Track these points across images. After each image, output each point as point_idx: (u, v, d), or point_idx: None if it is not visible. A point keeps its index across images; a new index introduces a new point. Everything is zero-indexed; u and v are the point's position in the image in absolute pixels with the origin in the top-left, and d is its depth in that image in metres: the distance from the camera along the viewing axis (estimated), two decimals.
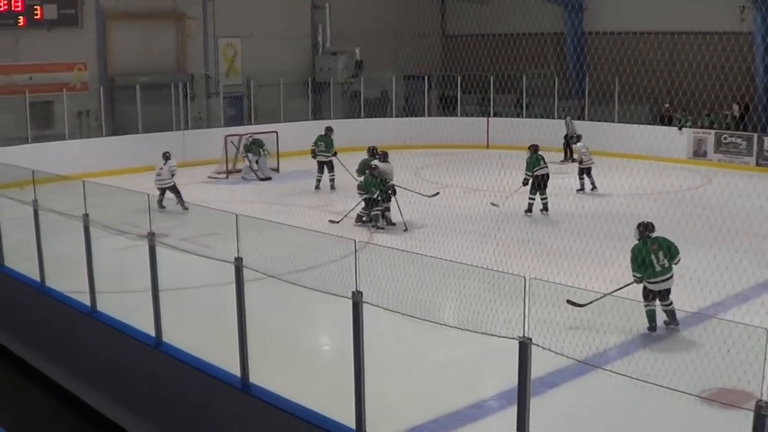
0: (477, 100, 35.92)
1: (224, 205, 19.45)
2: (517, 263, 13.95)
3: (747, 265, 15.37)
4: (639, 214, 20.26)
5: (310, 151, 25.13)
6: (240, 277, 8.38)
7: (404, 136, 29.18)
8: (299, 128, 30.90)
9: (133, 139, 28.72)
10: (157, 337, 9.64)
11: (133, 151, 27.87)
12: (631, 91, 31.37)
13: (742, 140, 30.11)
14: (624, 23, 33.38)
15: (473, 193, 22.66)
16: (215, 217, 11.75)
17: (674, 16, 31.72)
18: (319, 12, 37.78)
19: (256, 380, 8.45)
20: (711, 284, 13.89)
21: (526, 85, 34.50)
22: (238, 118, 34.19)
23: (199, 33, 34.12)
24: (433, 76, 37.84)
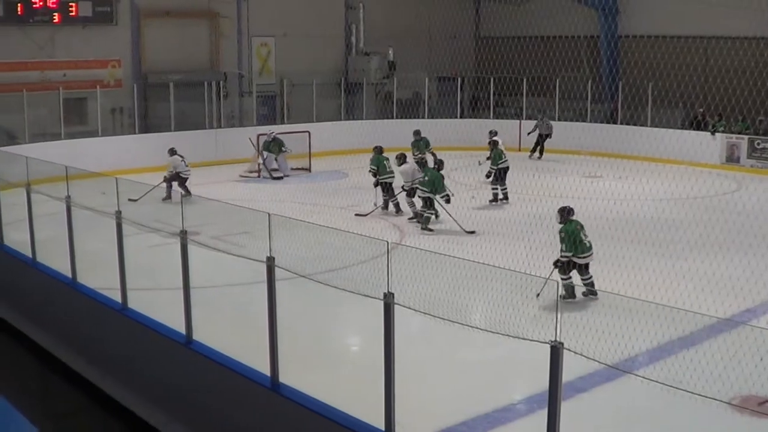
0: (510, 103, 35.83)
1: (255, 203, 19.51)
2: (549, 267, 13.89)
3: None
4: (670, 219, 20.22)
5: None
6: (272, 276, 8.37)
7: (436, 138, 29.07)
8: (331, 128, 30.97)
9: (165, 137, 28.75)
10: (187, 335, 9.66)
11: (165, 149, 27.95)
12: (664, 95, 31.18)
13: None
14: (658, 27, 33.21)
15: None
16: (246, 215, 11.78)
17: (709, 21, 31.49)
18: (353, 12, 37.84)
19: (286, 380, 8.45)
20: (744, 291, 13.80)
21: (560, 88, 34.35)
22: (271, 118, 34.28)
23: (233, 32, 34.25)
24: (466, 77, 37.75)
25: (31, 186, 14.18)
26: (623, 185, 23.52)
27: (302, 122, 30.91)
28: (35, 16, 29.02)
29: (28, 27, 28.90)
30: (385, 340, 7.33)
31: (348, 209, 21.79)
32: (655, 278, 14.23)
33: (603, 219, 19.91)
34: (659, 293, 12.82)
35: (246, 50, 34.89)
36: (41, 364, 13.37)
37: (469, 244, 17.03)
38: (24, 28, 28.80)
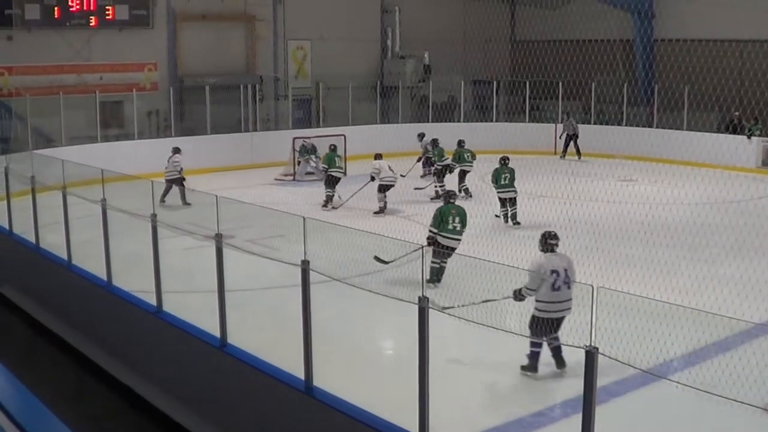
0: (545, 106, 35.74)
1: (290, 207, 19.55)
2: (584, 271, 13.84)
3: None
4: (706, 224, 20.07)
5: None
6: (306, 279, 8.40)
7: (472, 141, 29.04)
8: (367, 132, 31.00)
9: (201, 140, 28.97)
10: (222, 339, 9.70)
11: (201, 152, 28.12)
12: (700, 99, 30.98)
13: None
14: (693, 31, 33.03)
15: (541, 200, 22.54)
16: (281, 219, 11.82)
17: (744, 24, 31.28)
18: (389, 16, 37.91)
19: (320, 383, 8.47)
20: None
21: (595, 91, 34.23)
22: (306, 121, 34.39)
23: (269, 35, 34.42)
24: (502, 81, 37.69)
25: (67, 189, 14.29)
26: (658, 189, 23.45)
27: (338, 125, 30.95)
28: (72, 19, 29.30)
29: (65, 30, 29.19)
30: (419, 344, 7.33)
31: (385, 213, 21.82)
32: (690, 283, 14.13)
33: (638, 223, 19.83)
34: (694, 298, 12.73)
35: (282, 53, 35.06)
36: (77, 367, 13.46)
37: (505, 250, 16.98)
38: (61, 31, 29.09)
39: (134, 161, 24.82)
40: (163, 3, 31.25)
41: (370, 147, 27.57)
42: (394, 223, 20.39)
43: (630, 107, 34.28)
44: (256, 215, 20.07)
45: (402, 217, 21.44)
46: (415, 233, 18.86)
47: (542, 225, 19.88)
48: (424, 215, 20.94)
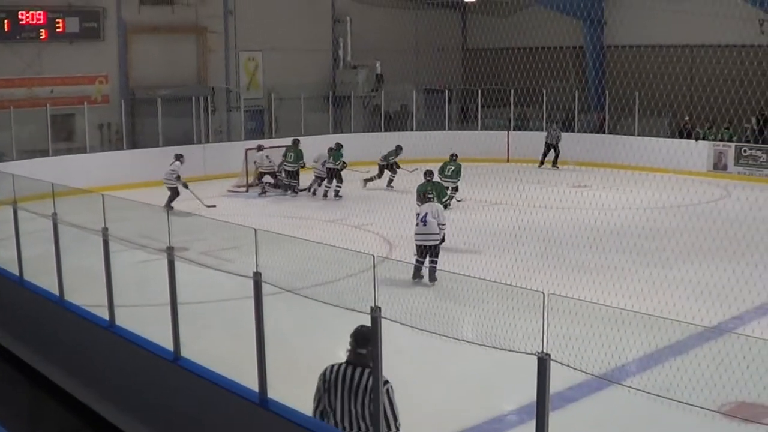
0: (497, 114, 35.94)
1: (244, 218, 19.52)
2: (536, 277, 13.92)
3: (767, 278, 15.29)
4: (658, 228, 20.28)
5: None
6: (259, 291, 8.36)
7: (424, 150, 29.14)
8: (320, 142, 30.92)
9: (153, 153, 28.78)
10: (175, 352, 9.63)
11: (153, 165, 27.94)
12: (651, 104, 31.33)
13: (762, 153, 30.05)
14: (643, 37, 33.44)
15: (494, 207, 22.63)
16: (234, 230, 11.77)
17: (693, 30, 31.68)
18: (340, 26, 37.95)
19: (274, 395, 8.43)
20: (731, 298, 13.86)
21: (547, 98, 34.47)
22: (259, 132, 34.28)
23: (221, 46, 34.30)
24: (454, 89, 37.86)
25: (18, 203, 14.13)
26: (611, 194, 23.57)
27: (290, 136, 30.83)
28: (22, 32, 29.01)
29: (15, 43, 28.88)
30: (372, 354, 7.33)
31: (336, 222, 21.83)
32: (643, 287, 14.26)
33: (590, 228, 19.96)
34: (648, 302, 12.87)
35: (233, 65, 34.95)
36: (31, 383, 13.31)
37: (457, 257, 17.06)
38: (11, 44, 28.79)
39: (86, 175, 24.67)
40: (114, 15, 31.03)
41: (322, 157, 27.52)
42: (346, 232, 20.41)
43: (581, 113, 34.57)
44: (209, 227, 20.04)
45: (353, 226, 21.44)
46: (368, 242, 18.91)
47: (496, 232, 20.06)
48: (378, 225, 21.04)
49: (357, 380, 7.23)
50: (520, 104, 34.99)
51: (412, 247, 18.27)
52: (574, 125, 34.33)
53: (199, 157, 29.48)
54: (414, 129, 35.17)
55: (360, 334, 7.28)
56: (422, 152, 29.25)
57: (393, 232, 20.54)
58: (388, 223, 21.39)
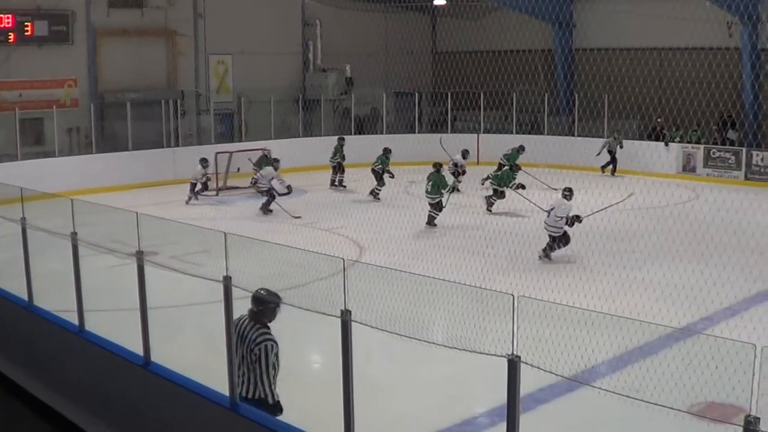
0: (467, 117, 36.01)
1: (215, 222, 19.46)
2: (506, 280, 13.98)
3: (735, 279, 15.42)
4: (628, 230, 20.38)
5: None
6: (228, 295, 8.35)
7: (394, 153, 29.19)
8: (289, 145, 30.93)
9: (123, 157, 28.66)
10: (145, 357, 9.60)
11: (123, 169, 27.86)
12: (620, 107, 31.50)
13: (731, 155, 30.28)
14: (613, 40, 33.61)
15: (463, 210, 22.71)
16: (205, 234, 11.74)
17: (662, 33, 31.91)
18: (310, 29, 37.90)
19: None
20: (699, 299, 13.96)
21: (517, 101, 34.59)
22: (229, 135, 34.19)
23: (190, 50, 34.18)
24: (424, 92, 37.91)
25: None
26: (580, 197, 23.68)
27: (260, 139, 30.85)
28: None
29: None
30: (343, 357, 7.33)
31: (308, 226, 21.81)
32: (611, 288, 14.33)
33: None
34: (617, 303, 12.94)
35: (203, 68, 34.82)
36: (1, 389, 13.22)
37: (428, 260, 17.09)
38: None
39: (55, 179, 24.49)
40: (83, 19, 30.84)
41: (293, 160, 27.57)
42: (317, 236, 20.39)
43: (551, 116, 34.70)
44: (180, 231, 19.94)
45: (324, 229, 21.43)
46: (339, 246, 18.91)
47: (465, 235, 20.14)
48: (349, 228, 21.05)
49: (247, 331, 8.31)
50: (489, 107, 35.07)
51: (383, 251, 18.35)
52: (544, 128, 34.45)
53: (169, 161, 29.38)
54: (384, 132, 35.17)
55: (255, 297, 8.40)
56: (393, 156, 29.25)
57: (364, 235, 20.54)
58: (359, 226, 21.40)
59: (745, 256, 17.28)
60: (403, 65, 36.83)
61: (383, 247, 19.21)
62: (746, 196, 24.85)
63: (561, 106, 35.60)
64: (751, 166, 30.05)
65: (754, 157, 29.97)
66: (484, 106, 35.01)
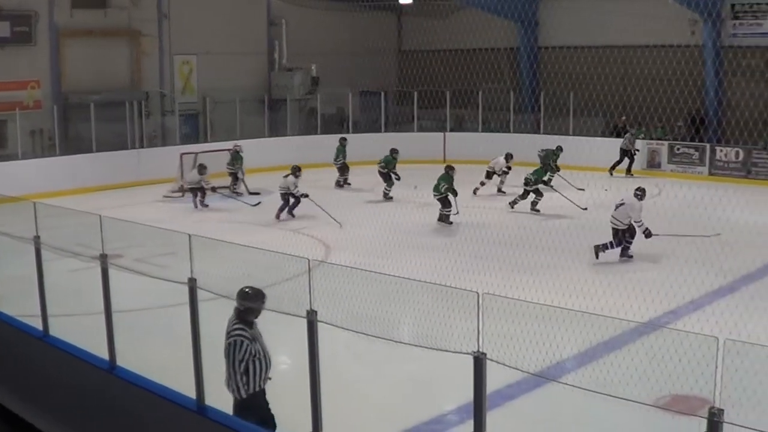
0: (433, 115, 36.05)
1: (180, 224, 19.36)
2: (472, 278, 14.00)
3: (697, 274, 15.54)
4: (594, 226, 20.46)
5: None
6: (194, 297, 8.32)
7: (361, 152, 29.20)
8: (256, 145, 30.81)
9: (87, 158, 28.44)
10: (111, 361, 9.54)
11: (87, 171, 27.66)
12: (585, 104, 31.68)
13: (695, 151, 30.51)
14: (577, 38, 33.78)
15: (429, 208, 22.74)
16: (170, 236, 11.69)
17: (626, 31, 32.06)
18: (276, 29, 37.81)
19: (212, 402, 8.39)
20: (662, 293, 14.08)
21: (482, 99, 34.67)
22: (194, 136, 34.01)
23: (155, 50, 33.97)
24: (390, 91, 37.92)
25: None
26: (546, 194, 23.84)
27: (226, 140, 30.68)
28: None
29: None
30: (309, 358, 7.33)
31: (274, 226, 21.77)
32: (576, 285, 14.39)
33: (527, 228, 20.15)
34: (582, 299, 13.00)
35: (168, 68, 34.63)
36: None
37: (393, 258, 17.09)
38: None
39: (19, 182, 24.25)
40: (46, 19, 30.57)
41: (260, 160, 27.50)
42: (284, 236, 20.36)
43: (516, 114, 34.80)
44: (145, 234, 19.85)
45: (290, 230, 21.40)
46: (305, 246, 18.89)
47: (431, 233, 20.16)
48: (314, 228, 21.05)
49: (229, 325, 8.39)
50: (455, 105, 35.14)
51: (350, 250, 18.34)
52: (510, 126, 34.55)
53: (133, 163, 29.21)
54: (350, 131, 35.14)
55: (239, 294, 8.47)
56: (358, 155, 29.30)
57: (330, 235, 20.55)
58: (326, 226, 21.41)
59: (708, 250, 17.40)
60: (368, 64, 36.85)
61: (350, 247, 19.19)
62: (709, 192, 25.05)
63: (526, 104, 35.72)
64: (714, 162, 30.30)
65: (718, 152, 30.23)
66: (451, 105, 35.08)
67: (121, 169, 28.24)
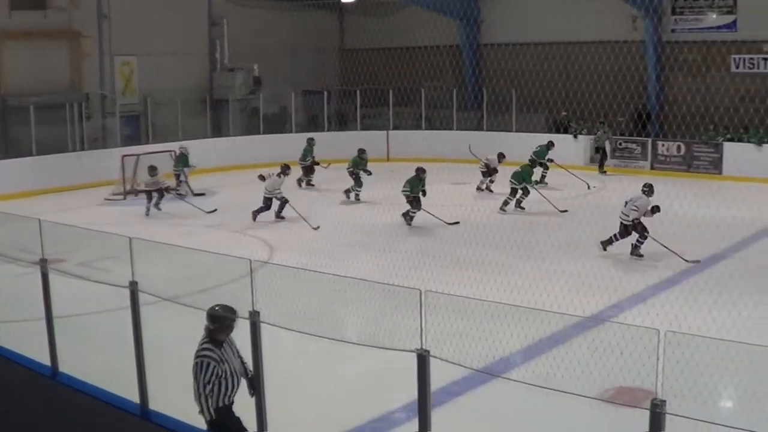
0: (376, 114, 36.07)
1: (123, 227, 19.17)
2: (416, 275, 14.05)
3: (641, 267, 15.72)
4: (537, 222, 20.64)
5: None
6: (135, 301, 8.25)
7: None
8: (198, 146, 30.58)
9: (26, 162, 28.05)
10: (53, 367, 9.44)
11: (27, 174, 27.28)
12: (527, 101, 31.89)
13: (637, 145, 30.85)
14: (519, 35, 33.96)
15: (373, 206, 22.77)
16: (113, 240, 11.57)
17: (568, 27, 32.33)
18: (217, 28, 37.56)
19: (156, 406, 8.33)
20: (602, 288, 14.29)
21: (425, 97, 34.74)
22: (135, 138, 33.66)
23: (95, 51, 33.55)
24: (332, 90, 37.87)
25: None
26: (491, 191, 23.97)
27: (167, 141, 30.40)
28: None
29: None
30: (252, 359, 7.32)
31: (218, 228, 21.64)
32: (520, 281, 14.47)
33: (470, 224, 20.22)
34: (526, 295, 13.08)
35: (108, 70, 34.24)
36: None
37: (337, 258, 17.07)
38: None
39: None
40: None
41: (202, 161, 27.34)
42: (228, 238, 20.29)
43: (460, 112, 34.93)
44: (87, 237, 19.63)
45: (234, 231, 21.30)
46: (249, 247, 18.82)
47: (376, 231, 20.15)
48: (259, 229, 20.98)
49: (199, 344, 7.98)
50: (398, 104, 35.20)
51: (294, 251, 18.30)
52: (453, 123, 34.66)
53: (74, 165, 28.86)
54: (293, 131, 35.05)
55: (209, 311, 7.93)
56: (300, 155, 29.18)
57: (274, 235, 20.48)
58: (270, 226, 21.34)
59: (650, 244, 17.59)
60: (310, 63, 36.79)
61: (294, 247, 19.16)
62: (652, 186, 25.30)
63: (469, 101, 35.85)
64: (656, 156, 30.65)
65: (660, 147, 30.59)
66: (393, 103, 35.12)
67: (62, 172, 27.89)
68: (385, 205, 22.30)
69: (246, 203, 23.00)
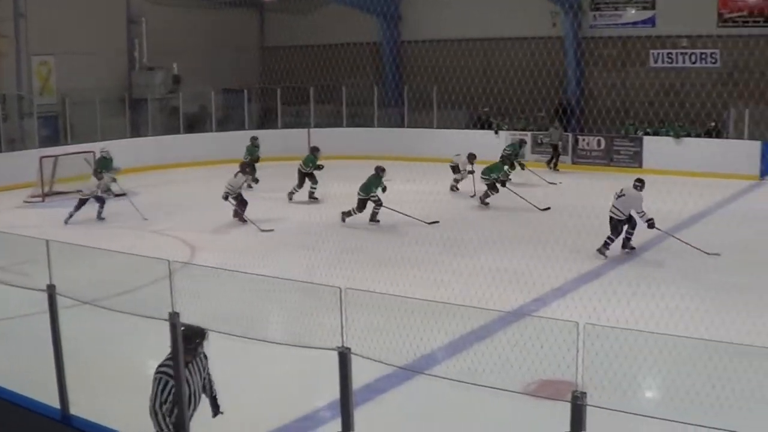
0: (297, 112, 35.99)
1: (41, 230, 18.89)
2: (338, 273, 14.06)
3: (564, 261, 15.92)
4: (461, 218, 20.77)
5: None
6: (53, 305, 8.14)
7: (225, 151, 28.95)
8: (117, 146, 30.18)
9: None
10: None
11: None
12: (448, 97, 32.05)
13: None
14: (439, 32, 34.19)
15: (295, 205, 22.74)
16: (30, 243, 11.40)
17: (488, 23, 32.63)
18: (135, 27, 37.12)
19: (77, 411, 8.24)
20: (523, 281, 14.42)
21: (346, 94, 34.76)
22: (54, 139, 33.12)
23: (12, 51, 32.91)
24: (253, 88, 37.68)
25: None
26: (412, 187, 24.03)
27: (86, 141, 29.96)
28: None
29: None
30: (173, 361, 7.27)
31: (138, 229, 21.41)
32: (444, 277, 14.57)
33: (394, 221, 20.29)
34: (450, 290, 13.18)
35: (25, 70, 33.63)
36: None
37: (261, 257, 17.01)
38: None
39: None
40: None
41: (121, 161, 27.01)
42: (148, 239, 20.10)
43: (381, 109, 35.00)
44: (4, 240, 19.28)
45: (154, 231, 21.09)
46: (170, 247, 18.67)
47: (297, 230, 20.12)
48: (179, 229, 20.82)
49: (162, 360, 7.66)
50: (320, 101, 35.16)
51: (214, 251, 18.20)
52: (374, 120, 34.72)
53: None
54: (213, 130, 34.83)
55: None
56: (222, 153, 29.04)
57: (195, 235, 20.31)
58: (190, 226, 21.18)
59: (572, 237, 17.79)
60: (231, 61, 36.60)
61: (215, 247, 19.05)
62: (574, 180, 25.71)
63: (390, 98, 35.95)
64: (577, 151, 31.06)
65: (580, 141, 31.00)
66: (315, 101, 35.08)
67: None
68: (306, 203, 22.30)
69: (167, 203, 22.81)
